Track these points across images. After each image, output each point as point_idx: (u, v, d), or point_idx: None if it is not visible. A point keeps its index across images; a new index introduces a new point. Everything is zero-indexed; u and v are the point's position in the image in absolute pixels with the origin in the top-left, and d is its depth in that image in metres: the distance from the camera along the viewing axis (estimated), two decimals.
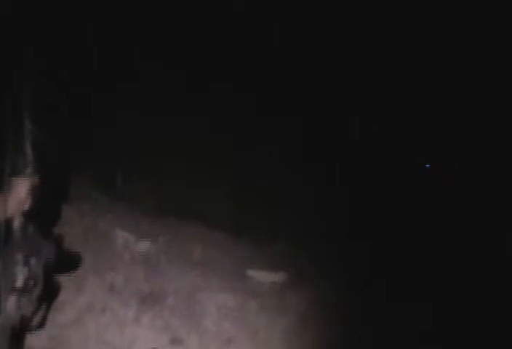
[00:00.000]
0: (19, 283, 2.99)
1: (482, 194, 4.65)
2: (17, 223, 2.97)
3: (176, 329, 4.10)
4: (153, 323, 4.10)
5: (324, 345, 4.19)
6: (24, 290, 3.11)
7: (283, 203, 4.61)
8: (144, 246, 4.35)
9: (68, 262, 3.82)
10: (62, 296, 3.95)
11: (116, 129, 4.45)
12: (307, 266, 4.54)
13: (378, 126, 4.69)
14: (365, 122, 4.75)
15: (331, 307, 4.34)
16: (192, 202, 4.49)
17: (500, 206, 4.60)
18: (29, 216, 3.18)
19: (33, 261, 3.14)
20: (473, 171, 4.74)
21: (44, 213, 3.42)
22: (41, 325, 3.61)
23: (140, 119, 4.50)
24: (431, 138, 4.81)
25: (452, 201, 4.67)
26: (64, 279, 3.92)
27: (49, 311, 3.65)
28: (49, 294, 3.55)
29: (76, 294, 4.07)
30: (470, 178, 4.75)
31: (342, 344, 4.20)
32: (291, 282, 4.45)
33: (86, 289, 4.11)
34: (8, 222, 2.94)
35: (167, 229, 4.40)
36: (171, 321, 4.13)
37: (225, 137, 4.62)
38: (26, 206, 3.15)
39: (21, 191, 2.84)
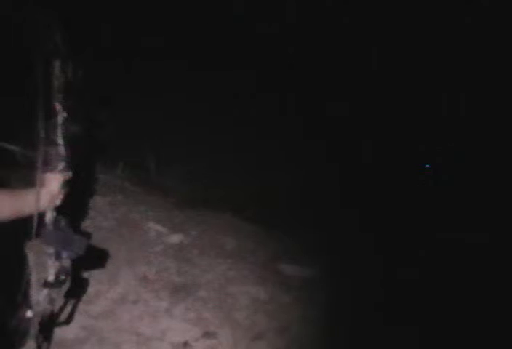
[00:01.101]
0: (50, 277, 2.95)
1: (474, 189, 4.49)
2: (49, 217, 2.91)
3: (208, 321, 4.04)
4: (185, 315, 4.05)
5: (355, 340, 4.07)
6: (55, 284, 3.08)
7: (314, 200, 4.52)
8: (176, 238, 4.31)
9: (99, 256, 3.78)
10: (95, 287, 3.94)
11: (146, 119, 4.39)
12: (339, 261, 4.43)
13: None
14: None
15: (362, 302, 4.26)
16: (225, 194, 4.42)
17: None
18: (61, 210, 3.14)
19: (64, 255, 3.10)
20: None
21: (75, 207, 3.39)
22: (70, 318, 3.60)
23: (164, 107, 4.43)
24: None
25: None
26: (97, 271, 3.91)
27: (78, 304, 3.63)
28: (78, 288, 3.53)
29: (109, 286, 4.05)
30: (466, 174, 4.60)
31: (375, 337, 4.08)
32: (323, 276, 4.37)
33: (119, 281, 4.09)
34: (40, 217, 2.90)
35: (200, 221, 4.34)
36: (203, 314, 4.07)
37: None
38: (58, 201, 3.11)
39: (54, 186, 2.78)
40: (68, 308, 3.50)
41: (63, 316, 3.47)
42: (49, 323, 3.08)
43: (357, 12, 4.57)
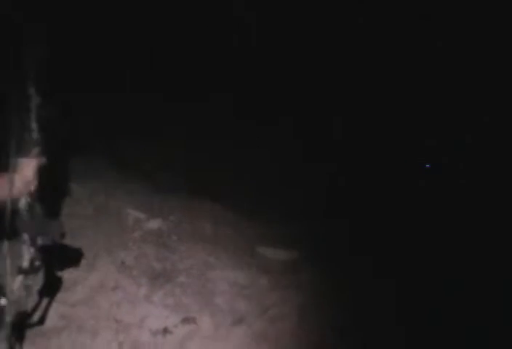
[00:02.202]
0: (25, 263, 2.86)
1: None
2: (23, 203, 2.82)
3: (187, 307, 3.96)
4: (164, 301, 3.96)
5: (336, 322, 4.04)
6: (30, 271, 3.00)
7: (294, 182, 4.46)
8: (155, 224, 4.21)
9: (76, 243, 3.70)
10: (73, 274, 3.83)
11: (126, 102, 4.29)
12: (318, 244, 4.38)
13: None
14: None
15: (342, 284, 4.23)
16: (205, 179, 4.34)
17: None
18: (36, 196, 3.06)
19: (39, 241, 3.01)
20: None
21: (51, 193, 3.30)
22: (48, 306, 3.51)
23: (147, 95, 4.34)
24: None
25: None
26: (75, 258, 3.83)
27: (56, 292, 3.55)
28: (56, 276, 3.44)
29: (87, 273, 3.94)
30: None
31: (355, 319, 4.06)
32: (302, 260, 4.31)
33: (97, 268, 3.99)
34: (14, 203, 2.81)
35: (179, 206, 4.25)
36: (182, 299, 3.99)
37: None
38: (33, 187, 3.02)
39: (28, 171, 2.69)
40: (45, 297, 3.41)
41: (41, 305, 3.38)
42: (24, 313, 3.01)
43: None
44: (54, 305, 3.52)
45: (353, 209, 4.38)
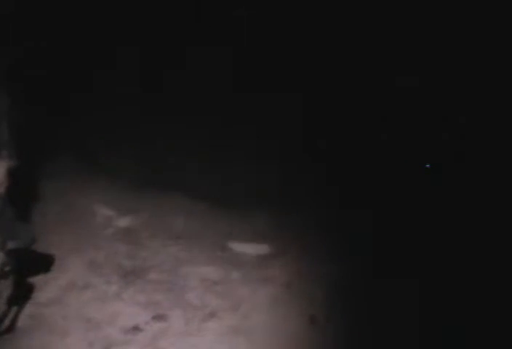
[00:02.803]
0: None
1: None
2: None
3: (159, 303, 3.92)
4: (135, 298, 3.91)
5: (308, 314, 4.03)
6: (1, 276, 2.92)
7: (265, 174, 4.41)
8: (125, 221, 4.15)
9: (46, 243, 3.62)
10: (45, 263, 3.79)
11: (93, 98, 4.18)
12: (289, 237, 4.35)
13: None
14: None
15: (314, 277, 4.20)
16: (174, 174, 4.27)
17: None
18: (6, 198, 2.98)
19: (10, 245, 2.93)
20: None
21: (21, 195, 3.22)
22: (18, 311, 3.44)
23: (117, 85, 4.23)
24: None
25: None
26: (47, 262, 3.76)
27: (27, 298, 3.48)
28: (26, 280, 3.37)
29: (57, 272, 3.88)
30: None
31: (327, 311, 4.05)
32: (274, 253, 4.26)
33: (67, 267, 3.92)
34: None
35: (149, 202, 4.19)
36: (153, 296, 3.94)
37: (209, 105, 4.37)
38: (2, 189, 2.94)
39: None
40: (16, 302, 3.34)
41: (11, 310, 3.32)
42: None
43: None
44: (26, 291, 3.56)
45: (327, 200, 4.35)
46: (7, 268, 2.98)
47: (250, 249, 4.24)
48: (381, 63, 4.49)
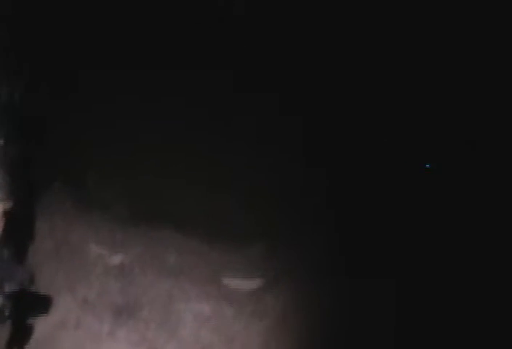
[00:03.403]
0: None
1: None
2: None
3: (152, 340, 3.91)
4: (128, 337, 3.90)
5: (301, 344, 4.07)
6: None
7: (259, 207, 4.39)
8: (117, 257, 4.09)
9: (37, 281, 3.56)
10: (43, 304, 3.75)
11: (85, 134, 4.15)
12: (282, 269, 4.32)
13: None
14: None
15: (307, 308, 4.19)
16: (166, 207, 4.24)
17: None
18: (2, 240, 2.93)
19: (7, 287, 2.87)
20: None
21: (16, 235, 3.17)
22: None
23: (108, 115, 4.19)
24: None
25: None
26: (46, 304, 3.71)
27: (27, 338, 3.41)
28: (23, 322, 3.30)
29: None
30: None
31: (322, 342, 4.08)
32: (266, 287, 4.21)
33: (58, 305, 3.87)
34: None
35: (141, 238, 4.13)
36: (147, 333, 3.93)
37: (200, 137, 4.34)
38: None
39: None
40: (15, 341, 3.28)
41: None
42: None
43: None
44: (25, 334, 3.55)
45: (312, 230, 4.30)
46: (6, 312, 2.92)
47: (243, 284, 4.20)
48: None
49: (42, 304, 3.65)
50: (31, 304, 3.47)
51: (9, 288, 2.91)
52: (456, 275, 4.20)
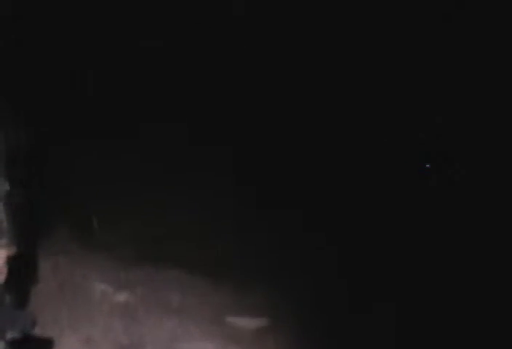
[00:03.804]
0: None
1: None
2: None
3: None
4: None
5: None
6: None
7: (263, 246, 4.38)
8: (122, 296, 4.10)
9: (40, 322, 3.55)
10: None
11: (89, 178, 4.17)
12: (287, 309, 4.29)
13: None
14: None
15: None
16: (170, 247, 4.24)
17: None
18: (5, 286, 2.93)
19: (9, 334, 2.87)
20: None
21: (20, 280, 3.18)
22: None
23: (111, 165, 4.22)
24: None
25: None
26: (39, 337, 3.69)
27: None
28: None
29: None
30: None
31: None
32: (272, 326, 4.20)
33: (62, 345, 3.87)
34: None
35: (145, 277, 4.13)
36: None
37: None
38: (2, 277, 2.90)
39: None
40: None
41: None
42: None
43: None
44: None
45: (318, 269, 4.27)
46: None
47: (248, 323, 4.19)
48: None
49: (45, 347, 3.63)
50: (34, 348, 3.46)
51: (11, 334, 2.90)
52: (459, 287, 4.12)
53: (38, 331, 3.57)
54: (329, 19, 4.24)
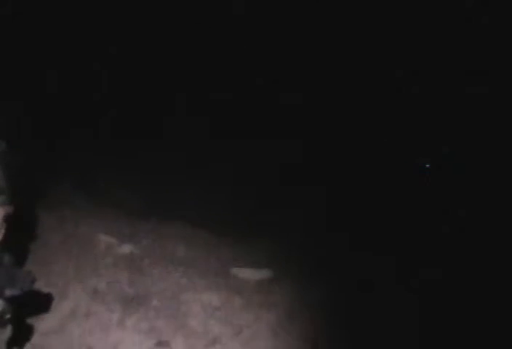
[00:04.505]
0: None
1: None
2: None
3: (161, 330, 3.85)
4: (137, 326, 3.83)
5: (310, 339, 4.03)
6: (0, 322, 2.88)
7: (266, 199, 4.33)
8: (127, 248, 4.10)
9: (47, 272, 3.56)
10: (44, 304, 3.71)
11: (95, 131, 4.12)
12: (291, 261, 4.36)
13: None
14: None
15: (316, 301, 4.22)
16: (175, 202, 4.21)
17: None
18: (4, 245, 2.92)
19: (7, 293, 2.87)
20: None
21: (18, 240, 3.17)
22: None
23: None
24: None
25: None
26: (46, 287, 3.71)
27: (28, 338, 3.43)
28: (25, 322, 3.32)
29: (59, 301, 3.77)
30: None
31: (331, 334, 4.07)
32: (275, 278, 4.28)
33: (69, 296, 3.82)
34: None
35: (150, 230, 4.15)
36: (156, 323, 3.87)
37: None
38: (0, 236, 2.89)
39: None
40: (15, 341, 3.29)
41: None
42: None
43: None
44: (26, 334, 3.46)
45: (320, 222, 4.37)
46: (7, 316, 2.94)
47: (252, 275, 4.24)
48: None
49: (43, 302, 3.64)
50: (32, 304, 3.47)
51: (10, 292, 2.91)
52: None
53: (41, 285, 3.56)
54: None
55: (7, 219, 2.95)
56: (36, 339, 3.57)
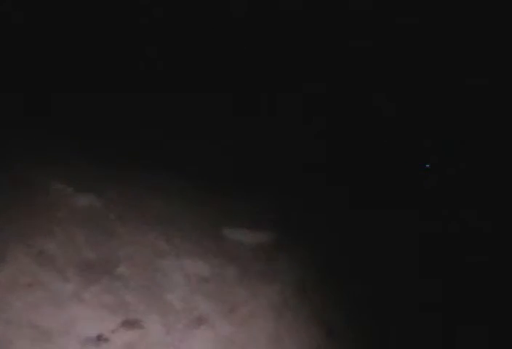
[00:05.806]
0: None
1: None
2: None
3: (130, 306, 3.13)
4: (99, 299, 3.09)
5: (323, 322, 3.42)
6: None
7: (265, 146, 3.78)
8: (86, 199, 3.26)
9: None
10: None
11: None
12: (296, 222, 3.68)
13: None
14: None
15: (326, 273, 3.60)
16: (152, 148, 3.49)
17: None
18: None
19: None
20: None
21: None
22: None
23: None
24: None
25: None
26: None
27: None
28: None
29: None
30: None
31: (344, 316, 3.49)
32: (277, 242, 3.56)
33: (9, 260, 3.03)
34: None
35: (120, 179, 3.38)
36: (123, 297, 3.14)
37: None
38: None
39: None
40: None
41: None
42: None
43: None
44: None
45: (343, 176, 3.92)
46: None
47: (249, 238, 3.50)
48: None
49: None
50: None
51: None
52: None
53: None
54: None
55: None
56: None
